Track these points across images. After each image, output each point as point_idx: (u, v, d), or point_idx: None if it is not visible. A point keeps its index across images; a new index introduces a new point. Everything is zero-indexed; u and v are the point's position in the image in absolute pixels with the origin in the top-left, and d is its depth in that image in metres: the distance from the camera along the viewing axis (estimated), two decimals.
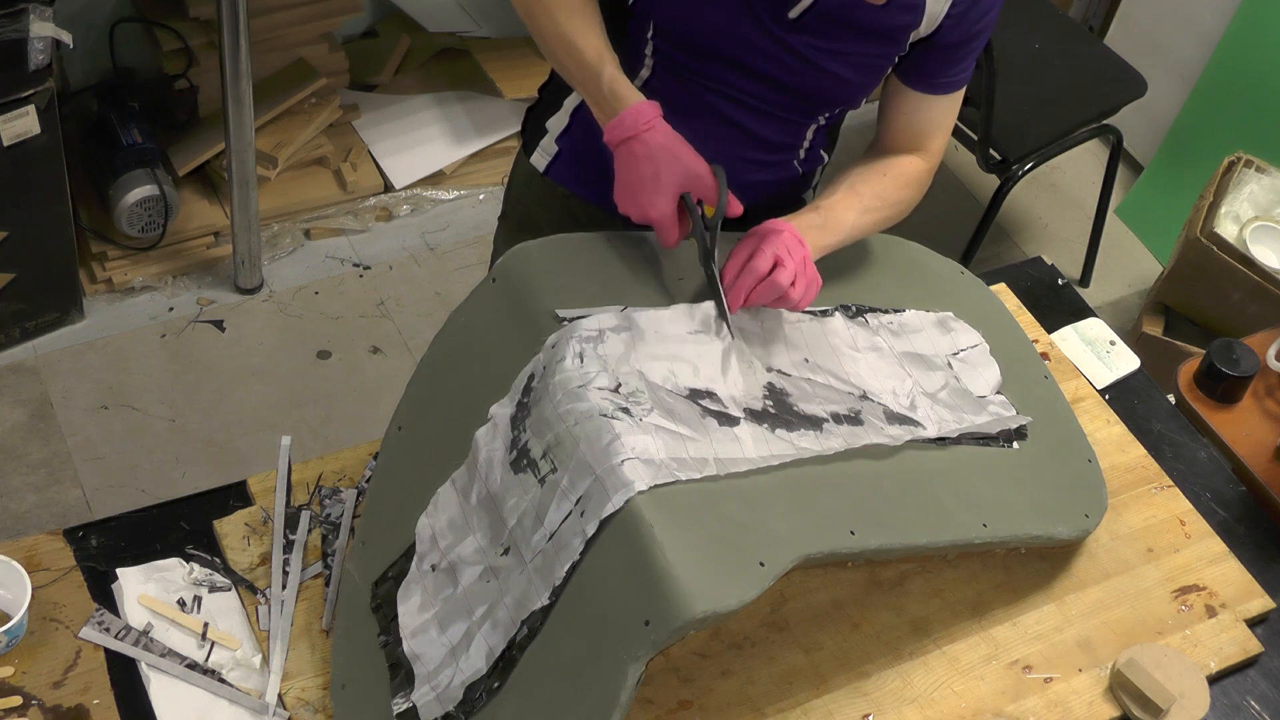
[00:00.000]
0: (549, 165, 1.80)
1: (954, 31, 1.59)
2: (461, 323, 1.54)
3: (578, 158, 1.76)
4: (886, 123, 1.71)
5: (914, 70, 1.64)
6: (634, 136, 1.49)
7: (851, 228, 1.63)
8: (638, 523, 1.31)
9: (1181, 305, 3.07)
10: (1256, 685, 1.67)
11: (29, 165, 2.57)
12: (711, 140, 1.61)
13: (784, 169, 1.74)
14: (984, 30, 1.62)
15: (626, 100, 1.50)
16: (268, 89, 3.03)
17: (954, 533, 1.53)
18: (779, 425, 1.49)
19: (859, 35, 1.56)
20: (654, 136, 1.49)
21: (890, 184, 1.67)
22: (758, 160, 1.70)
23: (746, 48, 1.57)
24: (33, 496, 2.61)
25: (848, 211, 1.63)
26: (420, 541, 1.48)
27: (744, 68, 1.59)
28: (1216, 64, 3.39)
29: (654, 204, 1.49)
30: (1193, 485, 1.87)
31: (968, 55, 1.64)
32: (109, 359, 2.85)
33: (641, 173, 1.49)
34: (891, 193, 1.67)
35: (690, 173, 1.49)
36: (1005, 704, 1.58)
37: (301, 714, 1.46)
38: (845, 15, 1.54)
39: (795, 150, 1.72)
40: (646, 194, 1.49)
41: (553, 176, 1.80)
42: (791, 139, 1.70)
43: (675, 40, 1.60)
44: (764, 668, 1.55)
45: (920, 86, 1.66)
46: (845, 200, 1.63)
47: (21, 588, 1.47)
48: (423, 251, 3.16)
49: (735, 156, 1.65)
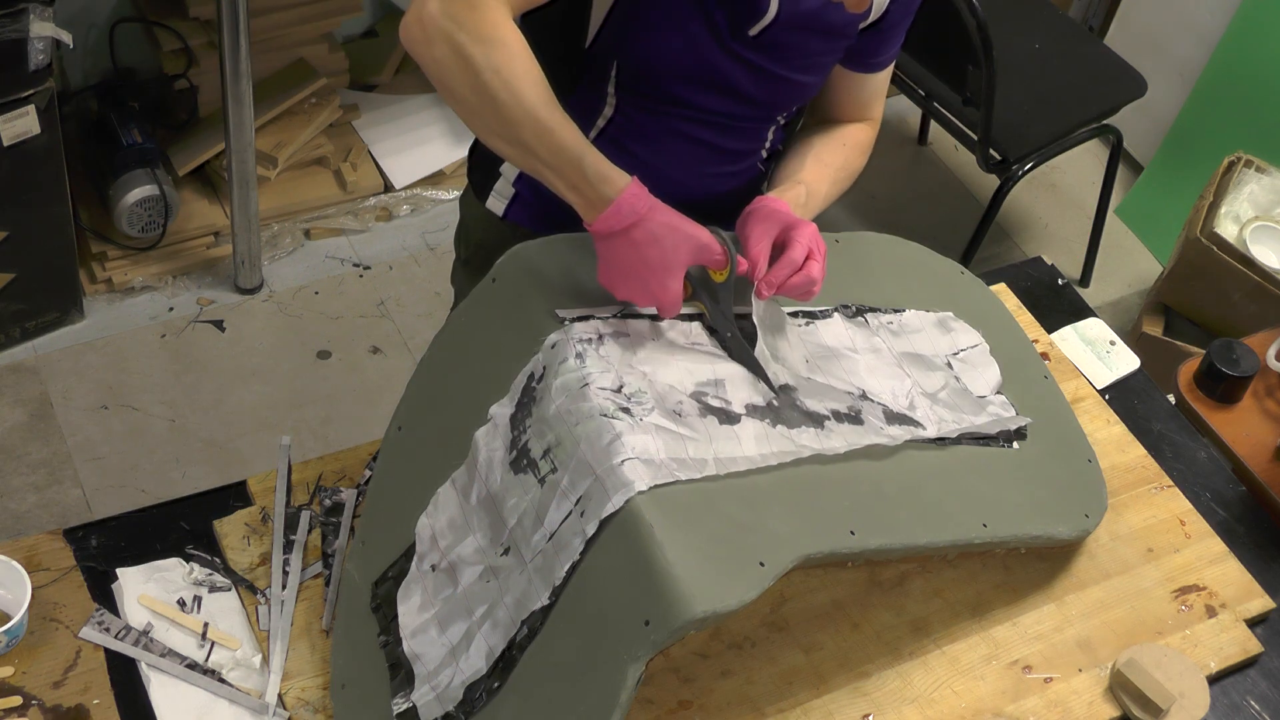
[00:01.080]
0: (507, 208, 1.74)
1: (897, 12, 1.63)
2: (461, 323, 1.54)
3: (539, 197, 1.69)
4: (831, 100, 1.74)
5: (857, 53, 1.67)
6: (635, 224, 1.38)
7: (823, 200, 1.67)
8: (638, 523, 1.32)
9: (1181, 305, 3.07)
10: (1256, 685, 1.67)
11: (29, 165, 2.57)
12: (678, 160, 1.62)
13: (749, 171, 1.76)
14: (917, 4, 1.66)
15: (616, 184, 1.37)
16: (268, 89, 3.03)
17: (954, 533, 1.53)
18: (780, 421, 1.49)
19: (816, 37, 1.59)
20: (657, 217, 1.39)
21: (850, 153, 1.73)
22: (724, 171, 1.71)
23: (708, 69, 1.57)
24: (33, 496, 2.61)
25: (821, 184, 1.66)
26: (420, 541, 1.48)
27: (707, 87, 1.59)
28: (1216, 64, 3.39)
29: (665, 287, 1.41)
30: (1193, 485, 1.87)
31: (904, 30, 1.68)
32: (109, 359, 2.85)
33: (648, 257, 1.39)
34: (852, 161, 1.73)
35: (699, 246, 1.42)
36: (1005, 704, 1.58)
37: (301, 714, 1.46)
38: (805, 22, 1.55)
39: (758, 153, 1.74)
40: (656, 278, 1.40)
41: (513, 218, 1.74)
42: (754, 144, 1.72)
43: (638, 73, 1.58)
44: (764, 668, 1.56)
45: (863, 68, 1.70)
46: (817, 173, 1.66)
47: (21, 588, 1.47)
48: (423, 251, 3.17)
49: (703, 172, 1.67)
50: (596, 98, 1.62)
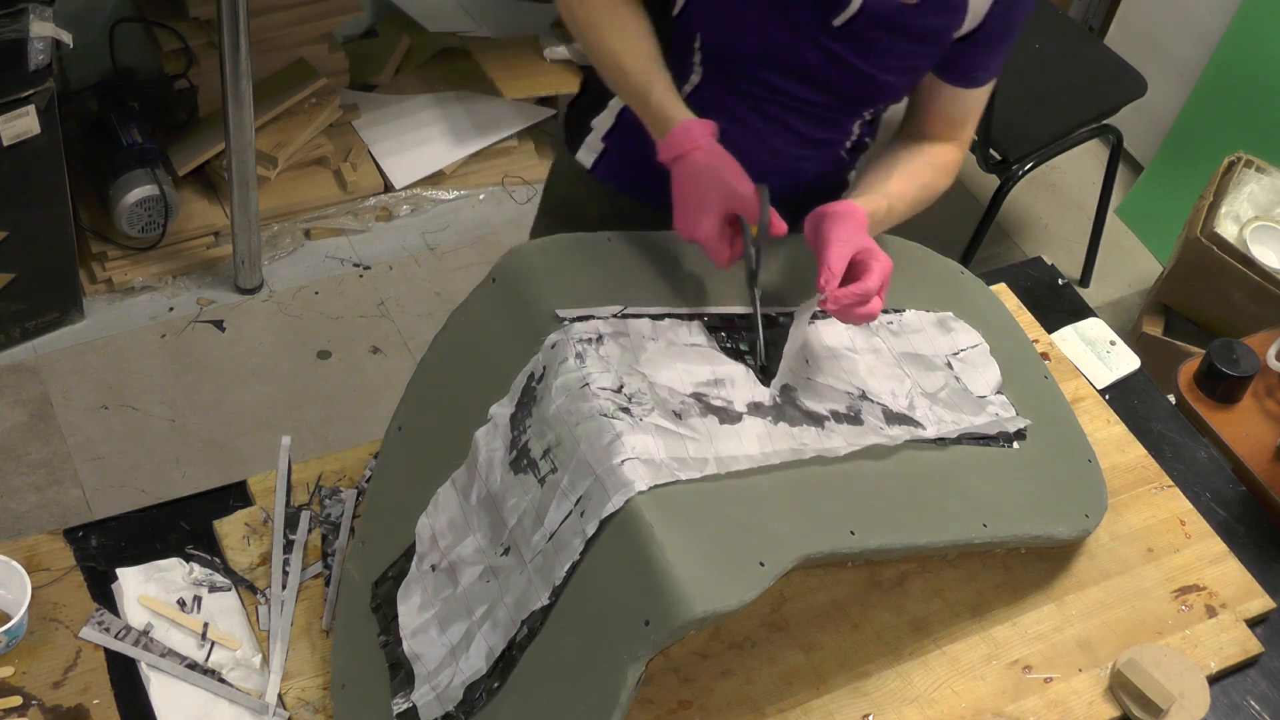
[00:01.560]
0: (596, 162, 1.81)
1: (995, 26, 1.61)
2: (461, 323, 1.54)
3: (626, 157, 1.77)
4: (921, 112, 1.73)
5: (952, 65, 1.66)
6: (681, 156, 1.50)
7: (900, 217, 1.67)
8: (638, 523, 1.31)
9: (1181, 305, 3.07)
10: (1256, 685, 1.67)
11: (29, 165, 2.57)
12: (762, 138, 1.65)
13: (831, 159, 1.76)
14: (1020, 23, 1.64)
15: (674, 120, 1.52)
16: (268, 89, 3.03)
17: (954, 533, 1.53)
18: (782, 419, 1.49)
19: (903, 38, 1.58)
20: (699, 156, 1.49)
21: (934, 173, 1.71)
22: (806, 155, 1.72)
23: (792, 56, 1.59)
24: (33, 496, 2.61)
25: (901, 202, 1.65)
26: (420, 541, 1.48)
27: (790, 74, 1.61)
28: (1216, 64, 3.38)
29: (698, 224, 1.49)
30: (1193, 485, 1.87)
31: (1004, 48, 1.66)
32: (109, 359, 2.85)
33: (687, 192, 1.50)
34: (936, 182, 1.72)
35: (733, 192, 1.48)
36: (1005, 704, 1.58)
37: (301, 714, 1.46)
38: (891, 21, 1.55)
39: (842, 143, 1.75)
40: (692, 213, 1.49)
41: (600, 174, 1.81)
42: (838, 135, 1.73)
43: (721, 51, 1.62)
44: (764, 668, 1.55)
45: (957, 80, 1.68)
46: (901, 188, 1.66)
47: (21, 588, 1.47)
48: (423, 251, 3.17)
49: (783, 153, 1.69)
50: (685, 65, 1.65)
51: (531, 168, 3.36)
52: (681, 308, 1.56)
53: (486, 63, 3.27)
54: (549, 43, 3.31)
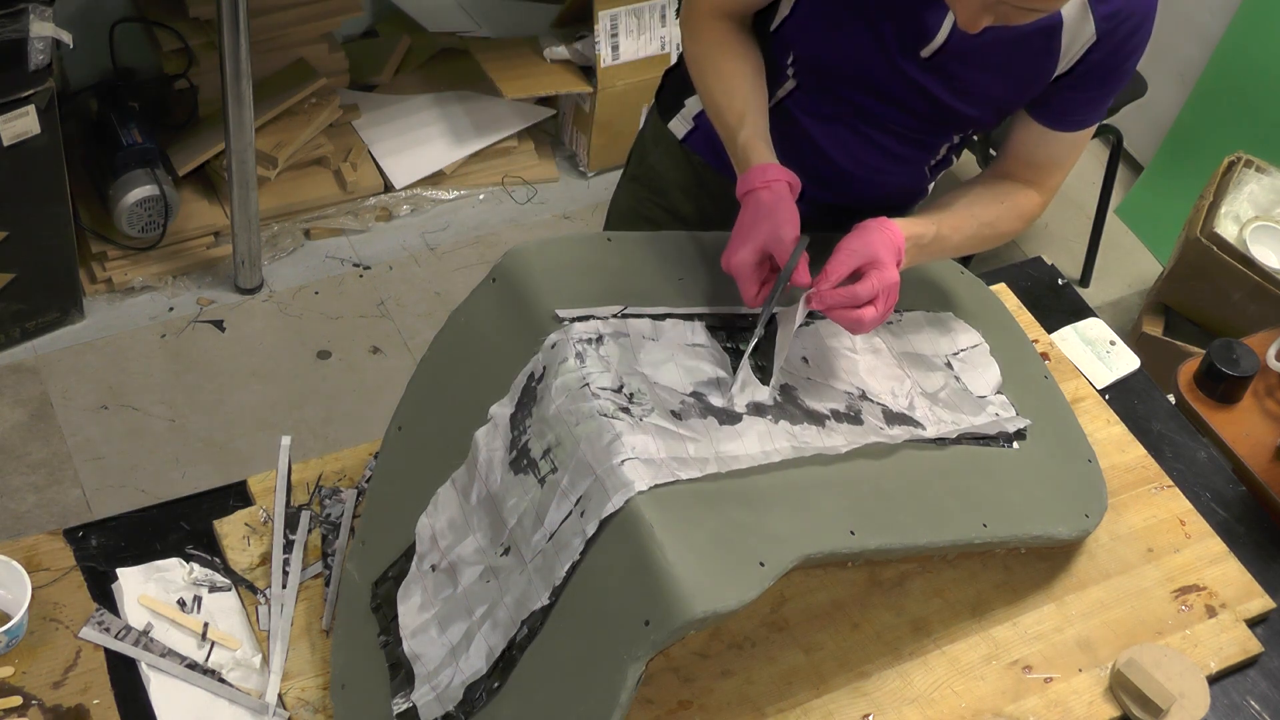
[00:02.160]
0: (687, 135, 1.87)
1: (1091, 71, 1.58)
2: (461, 323, 1.54)
3: (712, 135, 1.77)
4: (1009, 150, 1.71)
5: (1043, 103, 1.64)
6: (749, 191, 1.55)
7: (953, 249, 1.66)
8: (638, 523, 1.31)
9: (1181, 305, 3.07)
10: (1256, 685, 1.67)
11: (29, 165, 2.57)
12: (844, 148, 1.70)
13: (914, 176, 1.78)
14: (1124, 73, 1.60)
15: (750, 162, 1.57)
16: (268, 89, 3.03)
17: (954, 533, 1.53)
18: (782, 417, 1.49)
19: (987, 73, 1.58)
20: (764, 195, 1.53)
21: (1005, 213, 1.68)
22: (889, 169, 1.74)
23: (882, 80, 1.61)
24: (33, 496, 2.61)
25: (956, 235, 1.63)
26: (420, 541, 1.48)
27: (878, 95, 1.64)
28: (1216, 64, 3.39)
29: (735, 253, 1.52)
30: (1193, 485, 1.87)
31: (1104, 96, 1.63)
32: (109, 359, 2.85)
33: (741, 224, 1.53)
34: (1004, 222, 1.69)
35: (775, 234, 1.50)
36: (1005, 704, 1.58)
37: (301, 714, 1.46)
38: (980, 57, 1.55)
39: (927, 160, 1.76)
40: (736, 244, 1.52)
41: (690, 145, 1.87)
42: (923, 154, 1.75)
43: (813, 66, 1.65)
44: (764, 668, 1.55)
45: (1044, 120, 1.65)
46: (957, 222, 1.64)
47: (21, 588, 1.47)
48: (423, 251, 3.17)
49: (867, 165, 1.72)
50: (780, 74, 1.69)
51: (531, 168, 3.36)
52: (682, 308, 1.56)
53: (486, 63, 3.27)
54: (549, 43, 3.31)
